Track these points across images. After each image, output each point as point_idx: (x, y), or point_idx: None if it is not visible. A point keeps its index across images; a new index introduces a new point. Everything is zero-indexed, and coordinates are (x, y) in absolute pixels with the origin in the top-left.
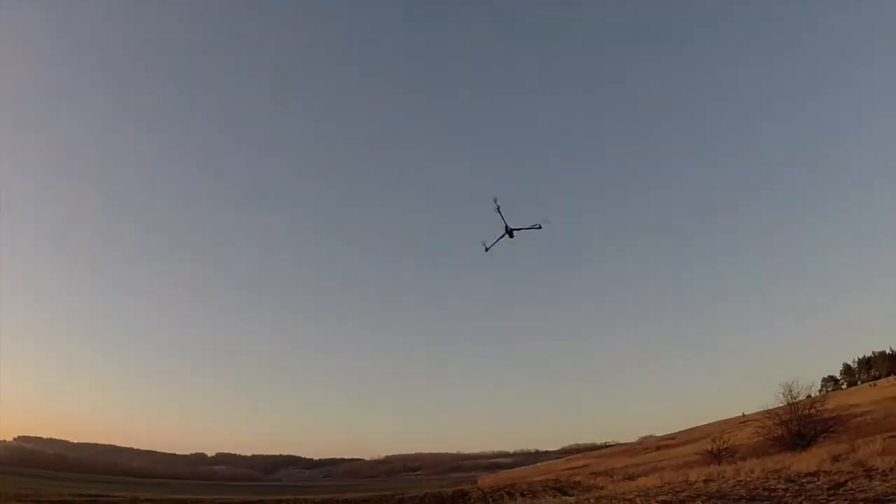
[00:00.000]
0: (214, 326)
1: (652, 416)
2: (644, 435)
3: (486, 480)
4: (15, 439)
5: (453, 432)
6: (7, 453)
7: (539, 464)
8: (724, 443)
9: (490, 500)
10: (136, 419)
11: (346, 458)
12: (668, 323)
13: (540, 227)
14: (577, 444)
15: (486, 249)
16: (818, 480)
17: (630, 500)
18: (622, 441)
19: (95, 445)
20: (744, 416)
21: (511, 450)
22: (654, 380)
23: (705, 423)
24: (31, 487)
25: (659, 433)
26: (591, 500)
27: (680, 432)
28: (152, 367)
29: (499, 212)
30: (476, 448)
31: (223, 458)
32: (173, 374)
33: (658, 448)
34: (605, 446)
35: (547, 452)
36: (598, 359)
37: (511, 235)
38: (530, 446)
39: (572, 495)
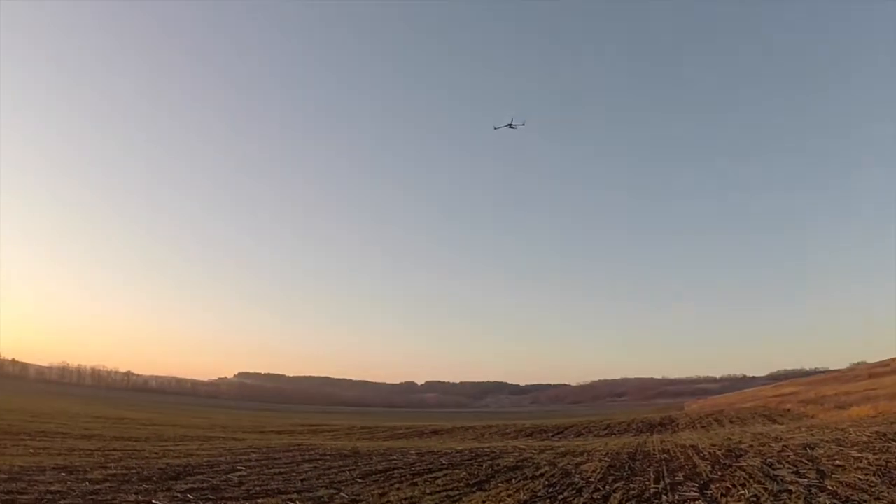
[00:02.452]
0: (419, 264)
1: (864, 341)
2: (855, 361)
3: (693, 406)
4: (235, 376)
5: (658, 357)
6: (229, 389)
7: (746, 390)
8: None
9: (698, 426)
10: (347, 352)
11: (551, 383)
12: (883, 241)
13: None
14: (784, 370)
15: (495, 128)
16: None
17: (842, 430)
18: (832, 367)
19: (310, 378)
20: None
21: (717, 375)
22: (868, 301)
23: None
24: (252, 419)
25: (871, 359)
26: (802, 429)
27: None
28: (363, 301)
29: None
30: (681, 373)
31: (432, 387)
32: (383, 306)
33: (871, 376)
34: (814, 372)
35: (754, 378)
36: (808, 281)
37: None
38: (736, 371)
39: (782, 423)
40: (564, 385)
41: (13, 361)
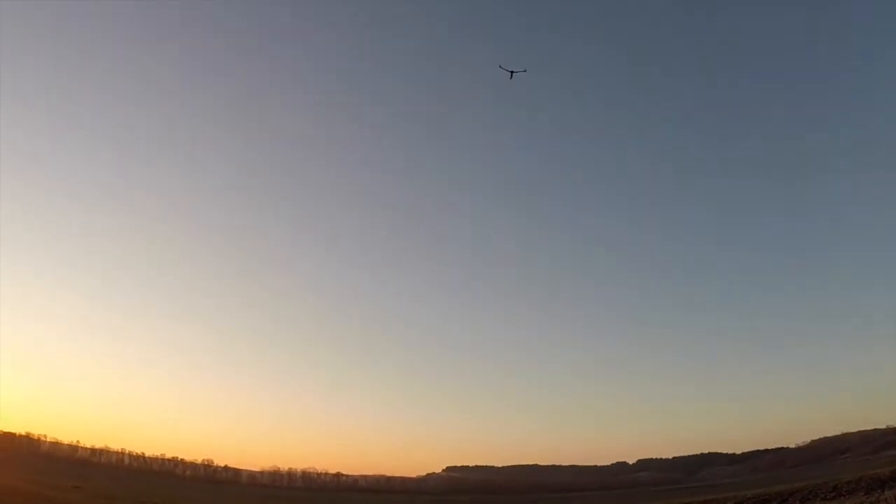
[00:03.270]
0: (621, 336)
1: None
2: None
3: None
4: (444, 470)
5: (881, 404)
6: (438, 484)
7: None
8: None
9: None
10: (555, 437)
11: (769, 448)
12: None
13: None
14: None
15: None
16: None
17: None
18: None
19: (518, 467)
20: None
21: None
22: None
23: None
24: None
25: None
26: None
27: None
28: (567, 383)
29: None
30: None
31: (644, 465)
32: (588, 385)
33: None
34: None
35: None
36: None
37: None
38: None
39: None
40: (783, 448)
41: (226, 468)
